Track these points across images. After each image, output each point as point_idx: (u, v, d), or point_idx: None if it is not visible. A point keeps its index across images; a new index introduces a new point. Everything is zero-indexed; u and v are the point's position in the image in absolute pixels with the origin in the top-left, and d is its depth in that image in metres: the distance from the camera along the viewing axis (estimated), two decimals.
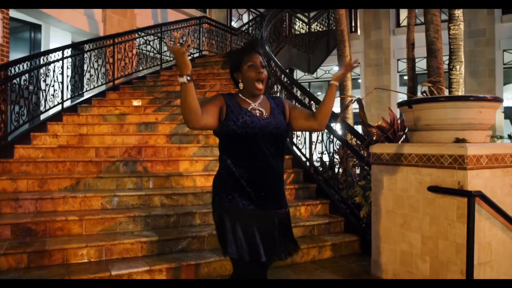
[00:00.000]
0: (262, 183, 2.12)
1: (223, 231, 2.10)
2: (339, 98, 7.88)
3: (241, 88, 2.20)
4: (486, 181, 2.92)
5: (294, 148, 5.55)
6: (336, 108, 10.41)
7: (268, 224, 2.14)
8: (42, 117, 6.12)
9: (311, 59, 10.61)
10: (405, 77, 13.45)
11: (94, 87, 7.23)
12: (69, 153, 5.00)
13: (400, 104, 3.38)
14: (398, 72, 13.07)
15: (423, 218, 3.12)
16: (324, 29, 11.86)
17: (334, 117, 4.52)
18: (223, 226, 2.09)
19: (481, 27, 11.76)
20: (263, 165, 2.12)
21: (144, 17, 10.15)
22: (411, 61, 7.85)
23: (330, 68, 14.27)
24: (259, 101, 2.21)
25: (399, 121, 5.13)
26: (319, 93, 15.05)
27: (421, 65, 10.95)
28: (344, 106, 3.78)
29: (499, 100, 3.15)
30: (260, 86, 2.16)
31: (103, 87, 7.63)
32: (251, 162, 2.11)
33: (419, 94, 3.63)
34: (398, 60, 12.97)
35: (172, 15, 11.08)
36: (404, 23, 13.13)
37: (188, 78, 1.90)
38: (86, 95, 7.21)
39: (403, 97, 12.00)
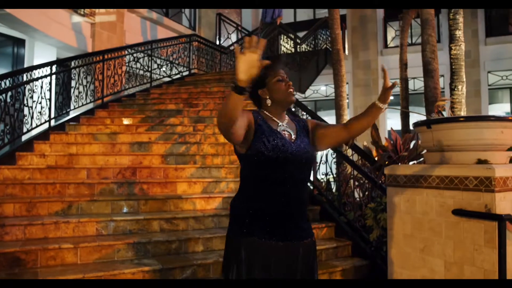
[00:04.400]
0: (288, 212, 1.94)
1: (234, 262, 1.90)
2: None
3: (268, 105, 2.03)
4: None
5: None
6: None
7: (291, 257, 1.94)
8: (28, 136, 5.81)
9: (302, 79, 10.57)
10: (391, 97, 13.58)
11: (83, 105, 6.96)
12: (58, 174, 4.71)
13: (416, 124, 3.26)
14: None
15: (446, 243, 2.97)
16: (313, 49, 11.89)
17: None
18: (236, 257, 1.89)
19: (466, 49, 11.91)
20: (291, 193, 1.94)
21: (133, 33, 9.97)
22: (404, 81, 7.86)
23: (318, 88, 14.31)
24: (286, 120, 2.06)
25: (401, 142, 5.06)
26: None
27: (410, 85, 11.07)
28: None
29: None
30: (293, 96, 2.03)
31: (91, 105, 7.36)
32: (279, 190, 1.91)
33: (433, 114, 3.53)
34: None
35: (162, 32, 10.94)
36: (392, 44, 13.34)
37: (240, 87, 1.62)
38: (73, 113, 6.93)
39: (393, 116, 12.10)
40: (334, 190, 5.07)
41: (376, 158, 4.89)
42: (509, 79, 12.12)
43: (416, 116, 8.57)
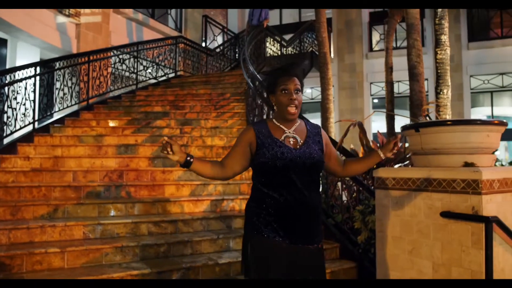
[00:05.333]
0: (293, 217, 1.99)
1: (245, 258, 2.07)
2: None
3: (276, 110, 2.13)
4: (499, 206, 2.85)
5: None
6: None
7: (293, 258, 2.00)
8: (11, 138, 5.70)
9: None
10: (375, 100, 13.77)
11: (68, 106, 6.86)
12: (43, 177, 4.63)
13: (404, 128, 3.30)
14: (371, 95, 13.32)
15: (434, 244, 3.01)
16: (299, 52, 11.94)
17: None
18: (245, 253, 2.06)
19: (450, 53, 12.19)
20: (295, 197, 1.99)
21: (119, 35, 9.87)
22: (390, 84, 7.95)
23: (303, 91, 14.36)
24: (295, 126, 2.11)
25: None
26: None
27: (395, 88, 11.19)
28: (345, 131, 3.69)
29: (504, 124, 3.13)
30: (293, 110, 2.05)
31: (75, 107, 7.27)
32: (283, 195, 1.99)
33: (420, 118, 3.58)
34: (371, 83, 13.22)
35: (148, 34, 10.86)
36: (376, 48, 13.49)
37: (188, 160, 1.95)
38: (58, 115, 6.82)
39: (378, 119, 12.21)
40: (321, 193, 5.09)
41: None
42: (490, 83, 12.38)
43: (401, 119, 8.69)
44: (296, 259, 1.99)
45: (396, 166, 4.96)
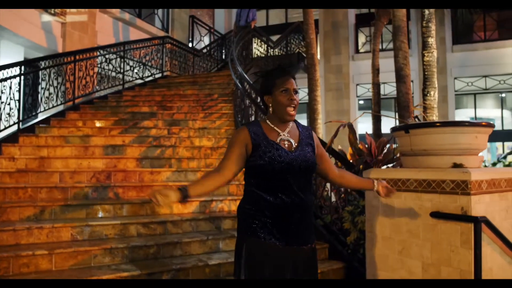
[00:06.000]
0: (289, 219, 1.99)
1: (238, 259, 2.02)
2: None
3: (271, 112, 2.08)
4: (487, 206, 2.90)
5: None
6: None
7: (288, 260, 2.00)
8: None
9: None
10: (361, 102, 13.90)
11: (53, 106, 6.75)
12: (29, 178, 4.55)
13: (394, 129, 3.33)
14: (357, 96, 13.43)
15: (423, 244, 3.04)
16: (286, 53, 11.97)
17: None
18: (239, 255, 2.01)
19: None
20: (291, 199, 1.99)
21: (105, 34, 9.76)
22: (376, 86, 8.03)
23: None
24: (288, 128, 2.09)
25: (375, 146, 5.16)
26: None
27: (381, 90, 11.31)
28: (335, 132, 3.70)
29: (492, 125, 3.18)
30: (292, 111, 2.03)
31: (61, 107, 7.16)
32: (279, 197, 1.98)
33: (409, 120, 3.62)
34: (357, 85, 13.33)
35: (135, 33, 10.76)
36: (363, 49, 13.61)
37: (184, 195, 1.92)
38: (42, 115, 6.71)
39: (364, 120, 12.31)
40: None
41: (350, 161, 4.97)
42: (474, 85, 12.61)
43: (387, 120, 8.79)
44: (292, 260, 1.98)
45: (384, 167, 5.01)
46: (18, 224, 3.63)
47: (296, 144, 2.06)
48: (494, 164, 8.85)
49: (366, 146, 5.09)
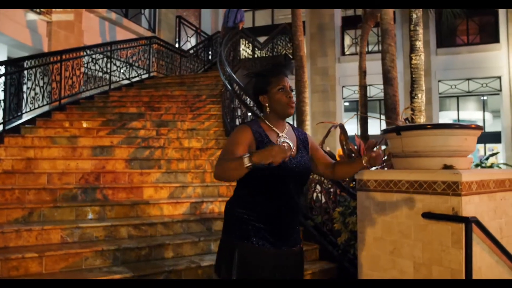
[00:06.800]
0: (282, 222, 1.99)
1: (226, 263, 1.96)
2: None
3: (268, 112, 2.05)
4: (476, 207, 2.96)
5: None
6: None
7: (281, 262, 2.01)
8: None
9: None
10: (346, 103, 14.03)
11: (39, 106, 6.64)
12: (16, 179, 4.47)
13: (386, 131, 3.38)
14: (343, 98, 13.55)
15: (415, 245, 3.09)
16: (273, 55, 11.99)
17: None
18: (230, 259, 1.95)
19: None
20: (286, 204, 1.99)
21: (92, 34, 9.64)
22: (363, 88, 8.11)
23: None
24: (285, 130, 2.09)
25: (364, 147, 5.22)
26: None
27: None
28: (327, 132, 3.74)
29: (480, 128, 3.25)
30: (292, 110, 2.02)
31: (46, 107, 7.05)
32: (274, 201, 1.97)
33: (400, 122, 3.67)
34: (343, 87, 13.45)
35: (121, 33, 10.66)
36: (349, 52, 13.74)
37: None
38: (27, 116, 6.60)
39: (351, 122, 12.43)
40: None
41: None
42: (457, 88, 12.84)
43: (372, 122, 8.88)
44: (281, 263, 1.99)
45: (373, 168, 5.07)
46: (6, 226, 3.57)
47: (295, 148, 2.06)
48: (476, 166, 9.03)
49: (356, 147, 5.15)
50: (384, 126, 13.23)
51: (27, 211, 3.86)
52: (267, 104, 2.04)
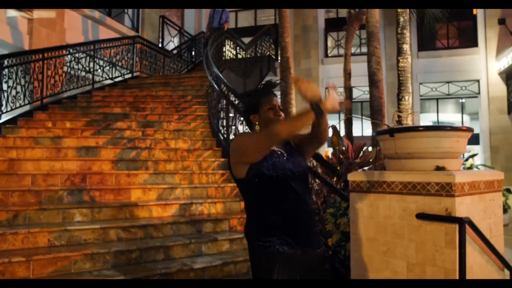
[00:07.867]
0: (299, 225, 2.02)
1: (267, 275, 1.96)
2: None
3: (257, 130, 2.13)
4: (468, 207, 3.01)
5: None
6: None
7: (309, 265, 2.05)
8: None
9: (246, 84, 10.62)
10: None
11: (20, 106, 6.46)
12: None
13: (379, 133, 3.40)
14: None
15: (408, 245, 3.12)
16: (257, 56, 12.00)
17: None
18: (266, 272, 1.96)
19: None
20: (297, 205, 2.03)
21: (74, 32, 9.43)
22: (348, 90, 8.18)
23: None
24: None
25: (352, 149, 5.25)
26: None
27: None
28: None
29: (471, 130, 3.31)
30: None
31: (27, 107, 6.87)
32: (286, 205, 2.00)
33: (390, 124, 3.71)
34: (326, 88, 13.52)
35: (104, 32, 10.46)
36: (332, 54, 13.85)
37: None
38: (7, 116, 6.42)
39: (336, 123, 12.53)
40: None
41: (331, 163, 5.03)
42: (438, 90, 13.08)
43: (357, 123, 8.96)
44: (309, 266, 2.03)
45: (360, 170, 5.10)
46: None
47: (286, 154, 2.11)
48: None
49: (344, 148, 5.18)
50: (367, 128, 13.41)
51: (11, 214, 3.74)
52: (257, 122, 2.13)
